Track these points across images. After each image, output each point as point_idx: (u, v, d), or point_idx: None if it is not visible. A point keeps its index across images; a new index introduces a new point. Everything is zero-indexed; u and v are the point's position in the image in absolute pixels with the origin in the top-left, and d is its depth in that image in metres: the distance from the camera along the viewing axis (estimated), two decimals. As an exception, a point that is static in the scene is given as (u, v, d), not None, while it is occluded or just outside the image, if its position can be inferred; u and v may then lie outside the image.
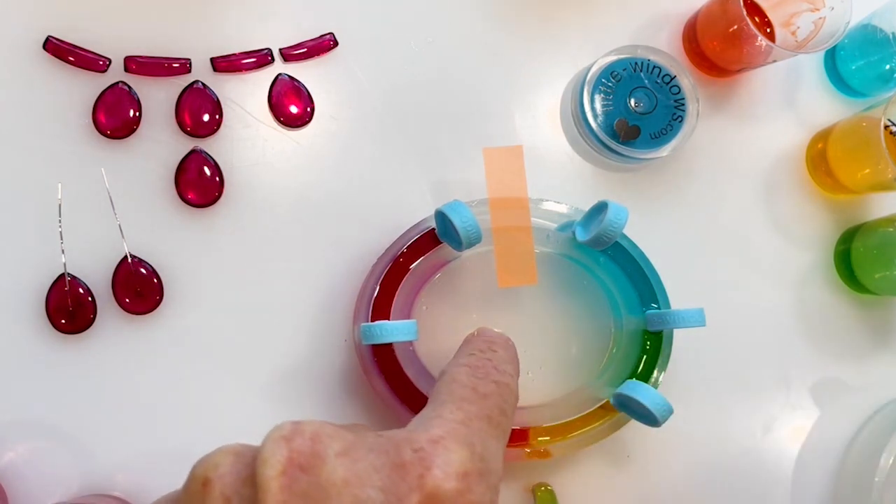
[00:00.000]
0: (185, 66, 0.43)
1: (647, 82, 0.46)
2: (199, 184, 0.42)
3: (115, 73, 0.42)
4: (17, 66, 0.42)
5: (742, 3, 0.42)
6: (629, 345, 0.42)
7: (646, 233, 0.43)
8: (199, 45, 0.43)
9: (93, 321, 0.41)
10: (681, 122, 0.45)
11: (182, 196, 0.42)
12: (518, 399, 0.29)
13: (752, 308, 0.48)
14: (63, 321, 0.40)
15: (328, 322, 0.43)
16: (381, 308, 0.40)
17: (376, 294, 0.40)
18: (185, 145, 0.43)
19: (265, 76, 0.44)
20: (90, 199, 0.41)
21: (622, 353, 0.42)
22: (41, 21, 0.42)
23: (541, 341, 0.43)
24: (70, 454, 0.40)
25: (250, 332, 0.42)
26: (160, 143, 0.43)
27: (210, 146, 0.43)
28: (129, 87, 0.42)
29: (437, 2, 0.46)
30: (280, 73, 0.44)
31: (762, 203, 0.49)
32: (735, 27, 0.43)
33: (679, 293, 0.43)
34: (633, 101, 0.45)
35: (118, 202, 0.42)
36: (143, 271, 0.41)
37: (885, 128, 0.43)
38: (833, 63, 0.50)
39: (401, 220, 0.42)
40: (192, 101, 0.43)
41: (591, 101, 0.45)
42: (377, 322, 0.38)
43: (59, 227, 0.41)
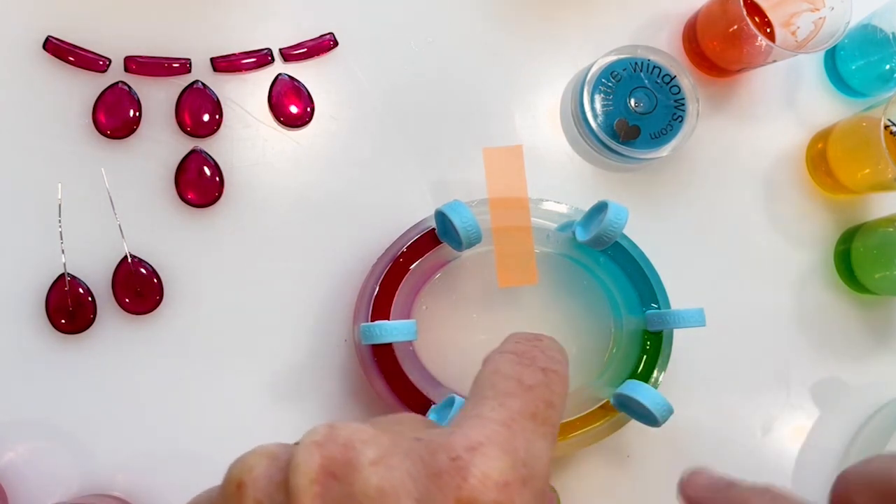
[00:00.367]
0: (185, 66, 0.43)
1: (647, 82, 0.46)
2: (199, 184, 0.42)
3: (115, 73, 0.42)
4: (17, 66, 0.42)
5: (742, 3, 0.42)
6: (629, 345, 0.42)
7: (646, 233, 0.43)
8: (199, 45, 0.43)
9: (93, 321, 0.41)
10: (681, 122, 0.45)
11: (182, 196, 0.42)
12: (568, 388, 0.26)
13: (752, 308, 0.48)
14: (63, 321, 0.40)
15: (328, 322, 0.43)
16: (381, 308, 0.40)
17: (376, 294, 0.40)
18: (185, 145, 0.43)
19: (265, 76, 0.44)
20: (90, 199, 0.41)
21: (622, 353, 0.42)
22: (41, 21, 0.42)
23: (541, 341, 0.43)
24: (70, 454, 0.40)
25: (250, 332, 0.42)
26: (160, 143, 0.43)
27: (210, 146, 0.43)
28: (129, 87, 0.42)
29: (437, 2, 0.46)
30: (280, 73, 0.44)
31: (762, 203, 0.49)
32: (735, 27, 0.43)
33: (679, 293, 0.43)
34: (633, 101, 0.45)
35: (118, 202, 0.42)
36: (143, 271, 0.41)
37: (885, 128, 0.43)
38: (833, 63, 0.50)
39: (401, 220, 0.42)
40: (192, 101, 0.43)
41: (591, 101, 0.45)
42: (377, 322, 0.38)
43: (59, 227, 0.41)
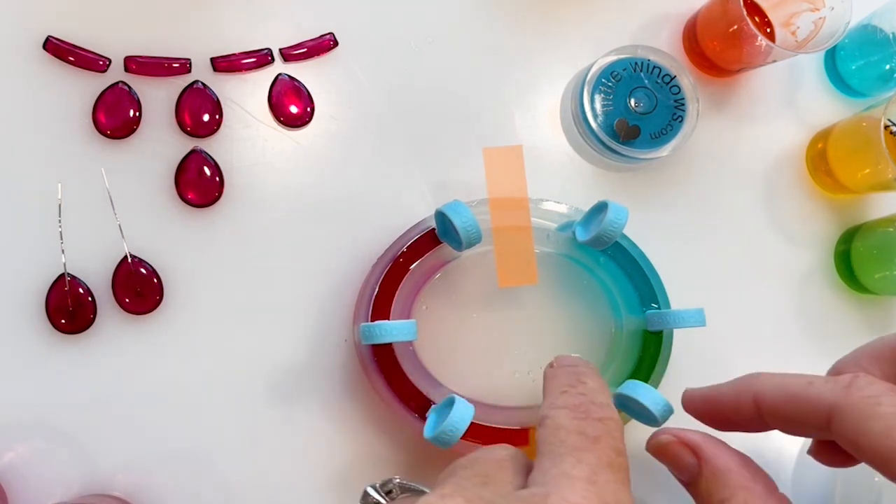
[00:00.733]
0: (185, 66, 0.43)
1: (647, 82, 0.46)
2: (199, 184, 0.42)
3: (115, 73, 0.42)
4: (17, 66, 0.42)
5: (742, 3, 0.42)
6: (629, 345, 0.42)
7: (646, 233, 0.43)
8: (199, 45, 0.43)
9: (93, 321, 0.41)
10: (681, 122, 0.45)
11: (182, 196, 0.42)
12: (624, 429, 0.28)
13: (752, 308, 0.48)
14: (63, 321, 0.40)
15: (328, 322, 0.43)
16: (381, 308, 0.40)
17: (376, 294, 0.40)
18: (185, 145, 0.43)
19: (265, 76, 0.44)
20: (90, 199, 0.41)
21: (622, 353, 0.42)
22: (41, 21, 0.42)
23: (541, 341, 0.43)
24: (70, 454, 0.40)
25: (250, 332, 0.42)
26: (160, 143, 0.43)
27: (210, 146, 0.43)
28: (129, 87, 0.42)
29: (437, 2, 0.46)
30: (280, 73, 0.44)
31: (762, 203, 0.49)
32: (735, 27, 0.43)
33: (679, 293, 0.43)
34: (633, 101, 0.45)
35: (118, 202, 0.42)
36: (143, 271, 0.41)
37: (885, 128, 0.43)
38: (833, 63, 0.50)
39: (401, 220, 0.42)
40: (192, 101, 0.43)
41: (591, 101, 0.45)
42: (377, 322, 0.38)
43: (59, 227, 0.41)
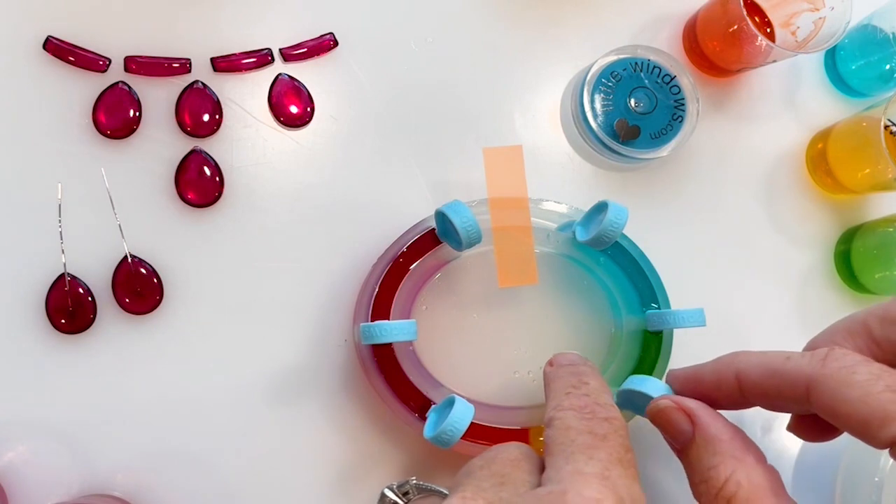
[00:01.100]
0: (185, 66, 0.43)
1: (647, 82, 0.46)
2: (199, 184, 0.42)
3: (115, 73, 0.42)
4: (17, 66, 0.42)
5: (742, 3, 0.42)
6: (629, 345, 0.42)
7: (646, 233, 0.43)
8: (199, 45, 0.43)
9: (93, 321, 0.41)
10: (681, 122, 0.45)
11: (182, 196, 0.42)
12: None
13: (752, 308, 0.48)
14: (63, 321, 0.40)
15: (328, 322, 0.43)
16: (381, 308, 0.40)
17: (376, 294, 0.40)
18: (185, 145, 0.43)
19: (265, 76, 0.44)
20: (90, 199, 0.41)
21: (622, 354, 0.42)
22: (41, 21, 0.42)
23: (541, 341, 0.43)
24: (70, 454, 0.40)
25: (250, 332, 0.42)
26: (160, 143, 0.43)
27: (210, 146, 0.43)
28: (129, 87, 0.42)
29: (437, 2, 0.46)
30: (280, 73, 0.44)
31: (762, 203, 0.49)
32: (735, 27, 0.43)
33: (679, 293, 0.43)
34: (633, 101, 0.45)
35: (118, 202, 0.42)
36: (143, 271, 0.41)
37: (885, 128, 0.43)
38: (833, 63, 0.50)
39: (401, 220, 0.42)
40: (192, 101, 0.43)
41: (591, 101, 0.45)
42: (377, 322, 0.38)
43: (59, 227, 0.41)
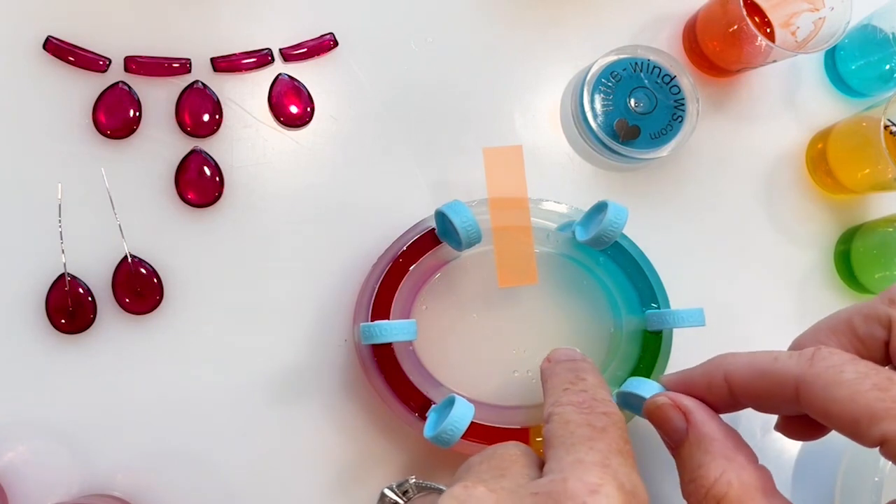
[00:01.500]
0: (185, 66, 0.43)
1: (647, 82, 0.46)
2: (199, 184, 0.42)
3: (115, 73, 0.42)
4: (17, 66, 0.42)
5: (742, 3, 0.42)
6: (629, 345, 0.42)
7: (646, 233, 0.43)
8: (199, 45, 0.43)
9: (93, 321, 0.41)
10: (681, 122, 0.45)
11: (182, 196, 0.42)
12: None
13: (752, 308, 0.48)
14: (63, 321, 0.40)
15: (328, 322, 0.43)
16: (381, 308, 0.40)
17: (376, 294, 0.40)
18: (185, 145, 0.43)
19: (265, 76, 0.44)
20: (90, 199, 0.41)
21: (622, 353, 0.42)
22: (41, 21, 0.42)
23: (541, 341, 0.43)
24: (70, 454, 0.40)
25: (250, 332, 0.42)
26: (160, 143, 0.43)
27: (210, 146, 0.43)
28: (129, 87, 0.42)
29: (437, 2, 0.46)
30: (280, 73, 0.44)
31: (762, 203, 0.49)
32: (735, 27, 0.43)
33: (679, 293, 0.43)
34: (633, 101, 0.45)
35: (118, 202, 0.42)
36: (143, 271, 0.41)
37: (885, 128, 0.43)
38: (833, 63, 0.50)
39: (401, 220, 0.42)
40: (192, 101, 0.43)
41: (591, 101, 0.45)
42: (377, 322, 0.38)
43: (59, 227, 0.41)
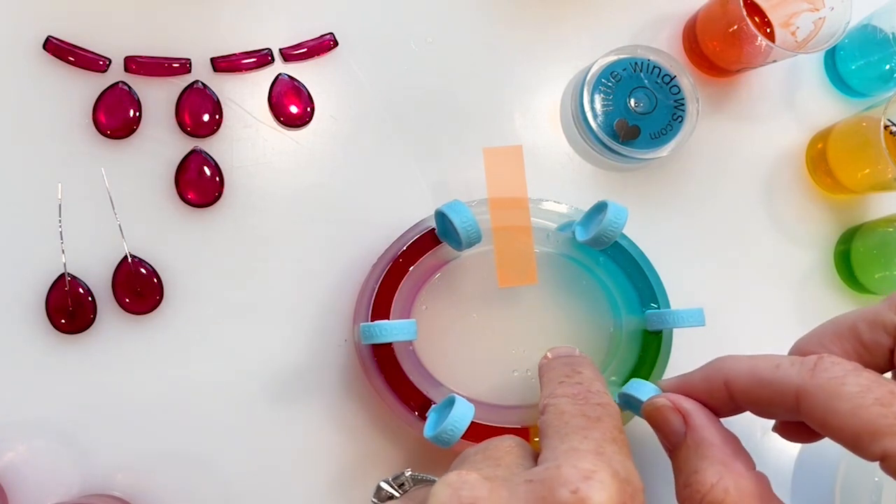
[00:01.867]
0: (185, 66, 0.43)
1: (647, 82, 0.46)
2: (199, 184, 0.42)
3: (115, 73, 0.42)
4: (17, 66, 0.42)
5: (742, 3, 0.42)
6: (629, 345, 0.42)
7: (646, 233, 0.43)
8: (199, 45, 0.43)
9: (93, 321, 0.41)
10: (681, 122, 0.45)
11: (182, 196, 0.42)
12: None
13: (752, 308, 0.48)
14: (63, 321, 0.40)
15: (328, 322, 0.43)
16: (381, 308, 0.40)
17: (376, 294, 0.40)
18: (185, 145, 0.43)
19: (265, 76, 0.44)
20: (90, 199, 0.41)
21: (622, 353, 0.42)
22: (41, 21, 0.42)
23: (541, 341, 0.43)
24: (70, 454, 0.40)
25: (250, 332, 0.42)
26: (160, 143, 0.43)
27: (210, 146, 0.43)
28: (129, 87, 0.42)
29: (437, 2, 0.46)
30: (280, 73, 0.44)
31: (762, 203, 0.49)
32: (735, 27, 0.43)
33: (679, 293, 0.43)
34: (633, 101, 0.45)
35: (118, 202, 0.42)
36: (143, 271, 0.41)
37: (885, 128, 0.43)
38: (833, 63, 0.50)
39: (401, 220, 0.42)
40: (192, 101, 0.43)
41: (591, 101, 0.45)
42: (377, 322, 0.38)
43: (59, 227, 0.41)
